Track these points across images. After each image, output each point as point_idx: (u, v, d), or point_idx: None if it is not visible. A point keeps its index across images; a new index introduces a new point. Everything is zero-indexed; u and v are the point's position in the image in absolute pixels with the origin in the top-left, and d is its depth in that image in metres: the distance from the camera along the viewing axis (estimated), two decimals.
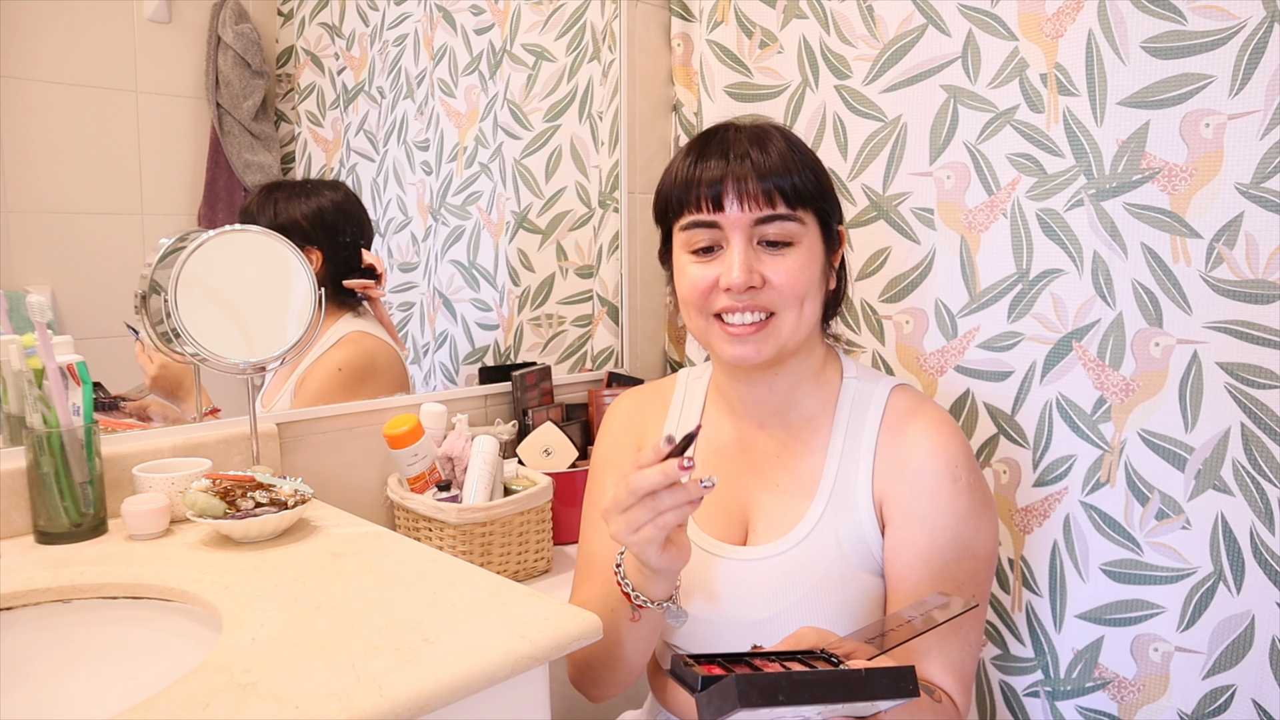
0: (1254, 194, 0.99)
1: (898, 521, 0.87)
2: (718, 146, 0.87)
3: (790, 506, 0.90)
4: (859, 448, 0.90)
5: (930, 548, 0.85)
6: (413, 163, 1.40)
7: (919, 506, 0.86)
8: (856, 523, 0.87)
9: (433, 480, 1.21)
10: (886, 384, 0.93)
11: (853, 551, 0.87)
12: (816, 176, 0.88)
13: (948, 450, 0.87)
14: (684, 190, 0.87)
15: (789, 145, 0.88)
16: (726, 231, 0.85)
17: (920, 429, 0.88)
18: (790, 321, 0.86)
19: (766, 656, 0.64)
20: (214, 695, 0.61)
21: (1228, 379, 1.02)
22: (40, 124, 1.06)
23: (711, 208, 0.85)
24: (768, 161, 0.85)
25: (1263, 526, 1.01)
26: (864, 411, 0.91)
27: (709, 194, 0.85)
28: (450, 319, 1.45)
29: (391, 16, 1.37)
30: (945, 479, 0.86)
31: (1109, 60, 1.06)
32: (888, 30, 1.25)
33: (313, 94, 1.33)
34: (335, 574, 0.84)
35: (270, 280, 1.07)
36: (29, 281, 1.06)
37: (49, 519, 0.92)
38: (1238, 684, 1.03)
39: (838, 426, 0.91)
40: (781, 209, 0.85)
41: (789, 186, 0.85)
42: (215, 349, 1.02)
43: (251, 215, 1.21)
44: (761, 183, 0.84)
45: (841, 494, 0.89)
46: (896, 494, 0.87)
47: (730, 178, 0.84)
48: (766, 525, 0.91)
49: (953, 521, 0.85)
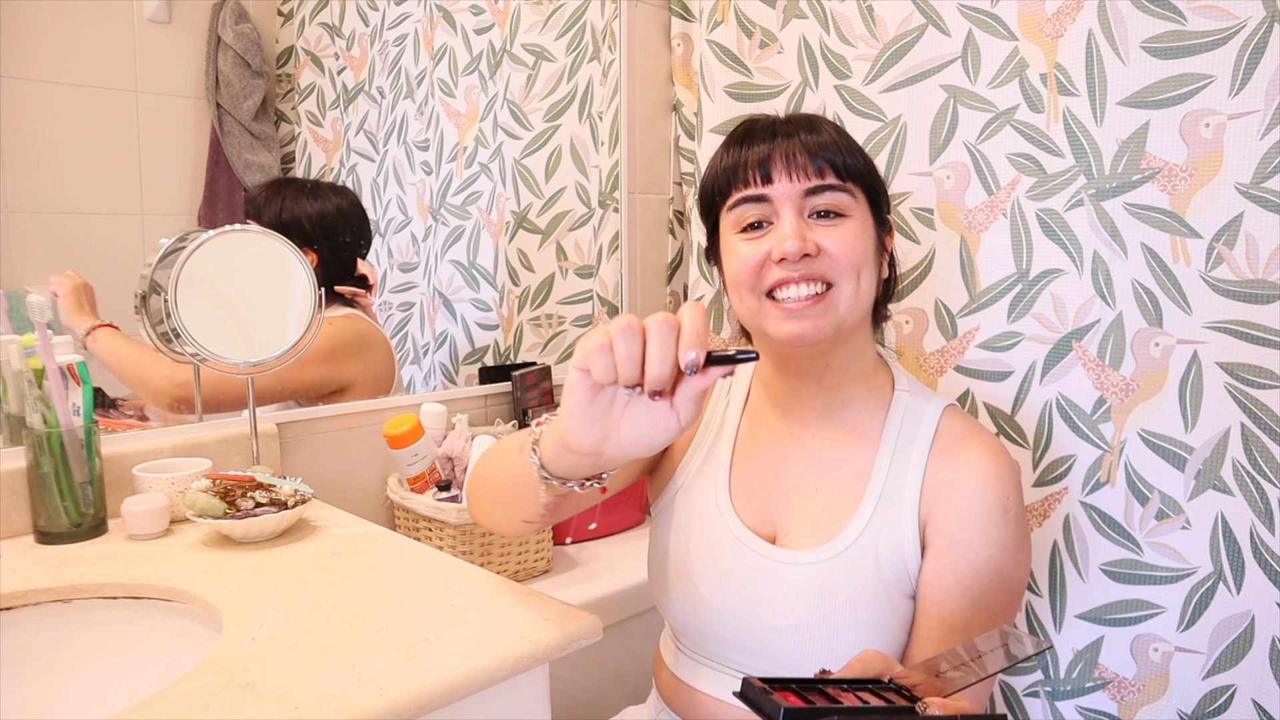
0: (1254, 194, 0.99)
1: (941, 546, 0.83)
2: (764, 130, 0.86)
3: (830, 514, 0.86)
4: (907, 465, 0.86)
5: (971, 576, 0.81)
6: (413, 163, 1.40)
7: (965, 534, 0.82)
8: (898, 542, 0.83)
9: (433, 480, 1.21)
10: (939, 402, 0.89)
11: (890, 570, 0.83)
12: (867, 161, 0.86)
13: (1001, 480, 0.83)
14: (730, 172, 0.85)
15: (838, 130, 0.87)
16: (776, 204, 0.82)
17: (975, 455, 0.84)
18: (848, 294, 0.82)
19: (839, 684, 0.60)
20: (214, 695, 0.61)
21: (1228, 379, 1.02)
22: (40, 124, 1.06)
23: (760, 181, 0.83)
24: (818, 139, 0.83)
25: (1263, 526, 1.01)
26: (915, 428, 0.87)
27: (757, 170, 0.83)
28: (450, 319, 1.45)
29: (391, 16, 1.37)
30: (995, 509, 0.82)
31: (1109, 60, 1.06)
32: (888, 30, 1.25)
33: (313, 94, 1.33)
34: (335, 574, 0.84)
35: (270, 280, 1.07)
36: (29, 281, 1.06)
37: (49, 519, 0.92)
38: (1238, 684, 1.03)
39: (886, 439, 0.87)
40: (831, 179, 0.82)
41: (840, 162, 0.83)
42: (215, 349, 1.02)
43: (257, 207, 1.21)
44: (811, 156, 0.82)
45: (886, 510, 0.85)
46: (943, 518, 0.83)
47: (778, 153, 0.82)
48: (804, 529, 0.87)
49: (997, 553, 0.82)
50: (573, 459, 0.65)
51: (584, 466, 0.66)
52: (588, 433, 0.61)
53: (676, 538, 0.92)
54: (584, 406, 0.60)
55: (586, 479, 0.69)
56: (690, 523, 0.92)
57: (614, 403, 0.60)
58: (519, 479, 0.74)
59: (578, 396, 0.60)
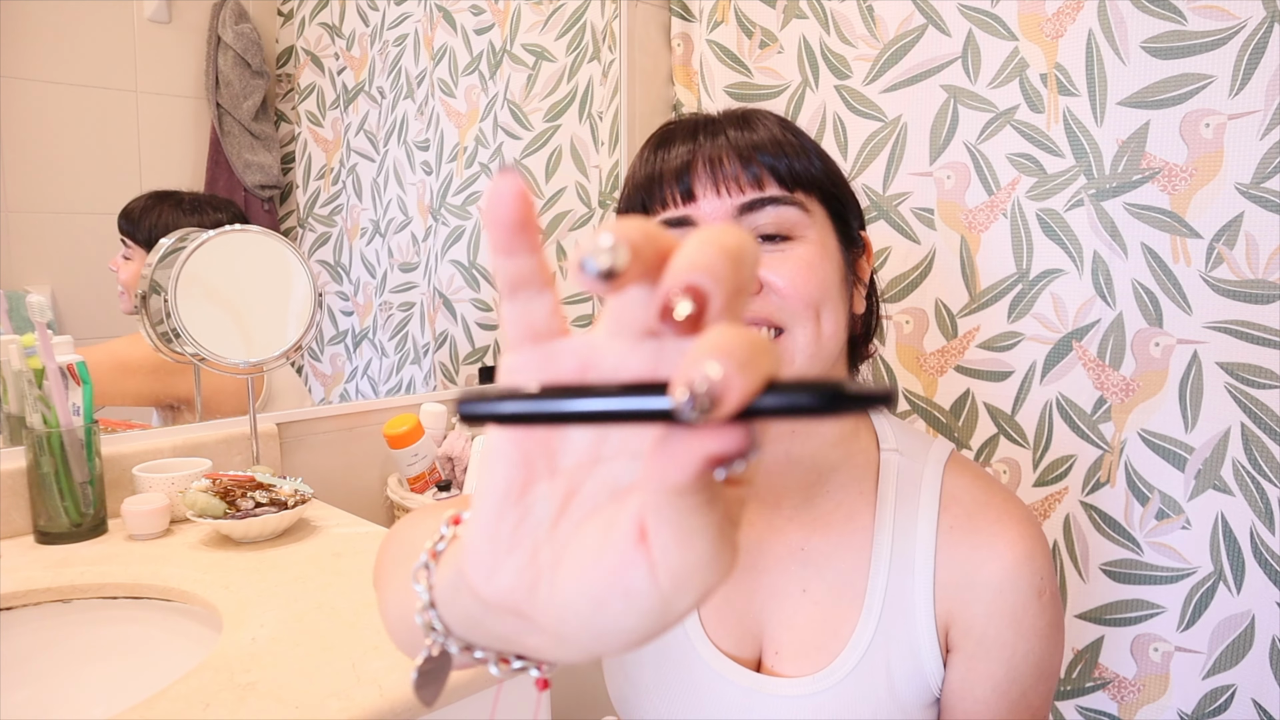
0: (1254, 194, 0.99)
1: (970, 650, 0.67)
2: (685, 130, 0.67)
3: (826, 623, 0.69)
4: (913, 550, 0.68)
5: (1009, 678, 0.67)
6: (413, 163, 1.40)
7: (998, 630, 0.67)
8: (913, 652, 0.67)
9: (433, 480, 1.21)
10: (936, 458, 0.72)
11: (906, 687, 0.67)
12: (824, 162, 0.68)
13: (1033, 560, 0.67)
14: (645, 190, 0.67)
15: (783, 125, 0.68)
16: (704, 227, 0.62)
17: (998, 533, 0.68)
18: (806, 340, 0.63)
19: None
20: (214, 695, 0.61)
21: (1228, 379, 1.02)
22: (40, 124, 1.06)
23: (680, 199, 0.65)
24: (751, 137, 0.65)
25: (1263, 526, 1.01)
26: (913, 499, 0.70)
27: (676, 185, 0.65)
28: (450, 319, 1.45)
29: (391, 16, 1.37)
30: (1030, 596, 0.67)
31: (1109, 60, 1.06)
32: (888, 30, 1.25)
33: (313, 94, 1.33)
34: (335, 574, 0.84)
35: (270, 280, 1.07)
36: (29, 281, 1.06)
37: (49, 519, 0.92)
38: (1238, 684, 1.03)
39: (882, 519, 0.69)
40: (773, 189, 0.64)
41: (784, 167, 0.64)
42: (215, 349, 1.02)
43: (133, 220, 1.14)
44: (743, 162, 0.64)
45: (894, 612, 0.67)
46: (969, 615, 0.67)
47: (701, 159, 0.64)
48: (795, 645, 0.69)
49: (1036, 645, 0.67)
50: (476, 610, 0.32)
51: (498, 632, 0.32)
52: (503, 561, 0.28)
53: (637, 673, 0.73)
54: (506, 497, 0.28)
55: (505, 657, 0.35)
56: (648, 655, 0.72)
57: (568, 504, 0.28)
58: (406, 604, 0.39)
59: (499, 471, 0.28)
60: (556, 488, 0.28)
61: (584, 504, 0.28)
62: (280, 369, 1.22)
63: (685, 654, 0.70)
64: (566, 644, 0.28)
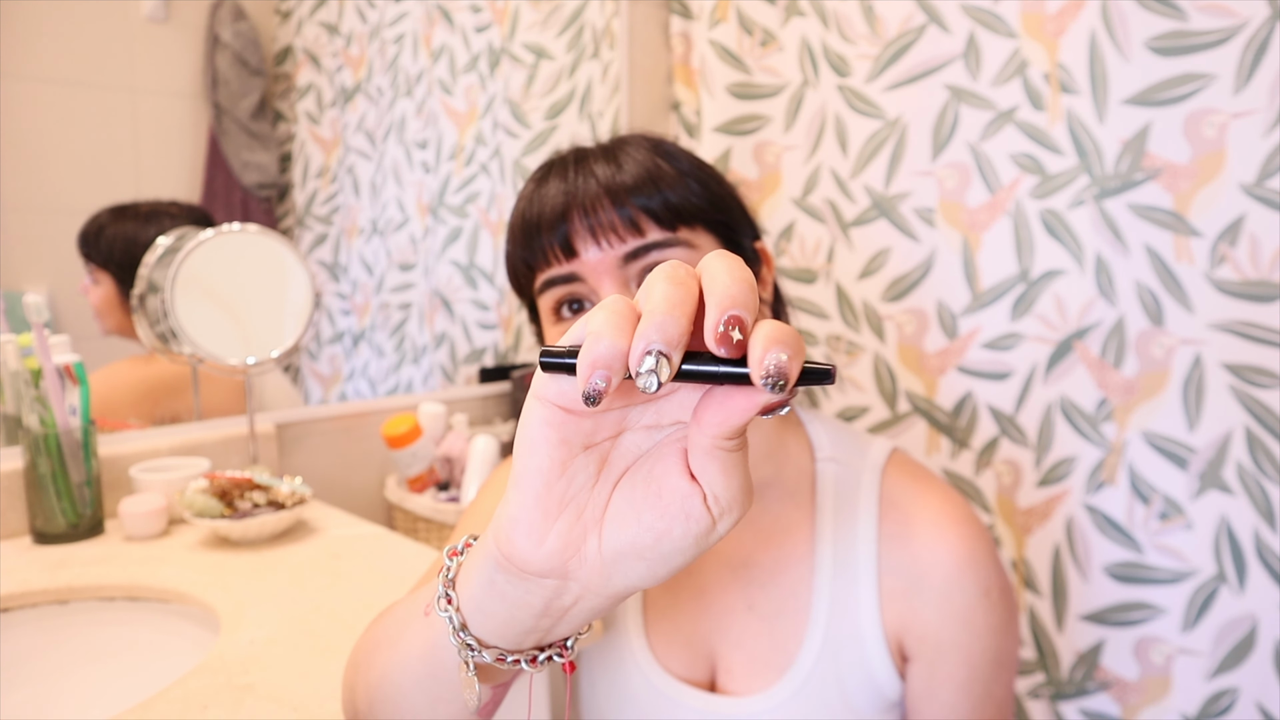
0: (1257, 193, 0.98)
1: (929, 656, 0.69)
2: (557, 172, 0.67)
3: (774, 639, 0.70)
4: (855, 559, 0.69)
5: (971, 677, 0.69)
6: (411, 162, 1.40)
7: (952, 634, 0.68)
8: (863, 662, 0.69)
9: (432, 481, 1.21)
10: (874, 463, 0.73)
11: (860, 695, 0.69)
12: (704, 185, 0.67)
13: (975, 561, 0.68)
14: (526, 245, 0.66)
15: (656, 152, 0.67)
16: (590, 282, 0.64)
17: (937, 536, 0.69)
18: None
19: None
20: (212, 697, 0.60)
21: (1231, 379, 1.02)
22: (37, 123, 1.06)
23: (562, 255, 0.64)
24: (619, 178, 0.64)
25: (1266, 527, 1.01)
26: (852, 507, 0.71)
27: (554, 239, 0.64)
28: (449, 319, 1.45)
29: (390, 15, 1.37)
30: (978, 596, 0.68)
31: (1111, 59, 1.06)
32: (889, 29, 1.25)
33: (311, 93, 1.32)
34: (334, 575, 0.83)
35: (268, 280, 1.07)
36: (26, 281, 1.05)
37: (46, 520, 0.91)
38: (1241, 686, 1.03)
39: (822, 531, 0.70)
40: (656, 234, 0.64)
41: (658, 205, 0.64)
42: (213, 349, 1.01)
43: (92, 241, 1.10)
44: (617, 206, 0.63)
45: (841, 622, 0.69)
46: (920, 621, 0.68)
47: (575, 210, 0.64)
48: (745, 663, 0.70)
49: (991, 642, 0.69)
50: (517, 593, 0.37)
51: (533, 613, 0.37)
52: (552, 526, 0.35)
53: (592, 707, 0.75)
54: (551, 473, 0.34)
55: (540, 648, 0.40)
56: (598, 683, 0.74)
57: (603, 468, 0.35)
58: (421, 668, 0.43)
59: (543, 453, 0.34)
60: (591, 458, 0.35)
61: (615, 467, 0.35)
62: (271, 373, 1.22)
63: (639, 685, 0.72)
64: (612, 581, 0.35)
